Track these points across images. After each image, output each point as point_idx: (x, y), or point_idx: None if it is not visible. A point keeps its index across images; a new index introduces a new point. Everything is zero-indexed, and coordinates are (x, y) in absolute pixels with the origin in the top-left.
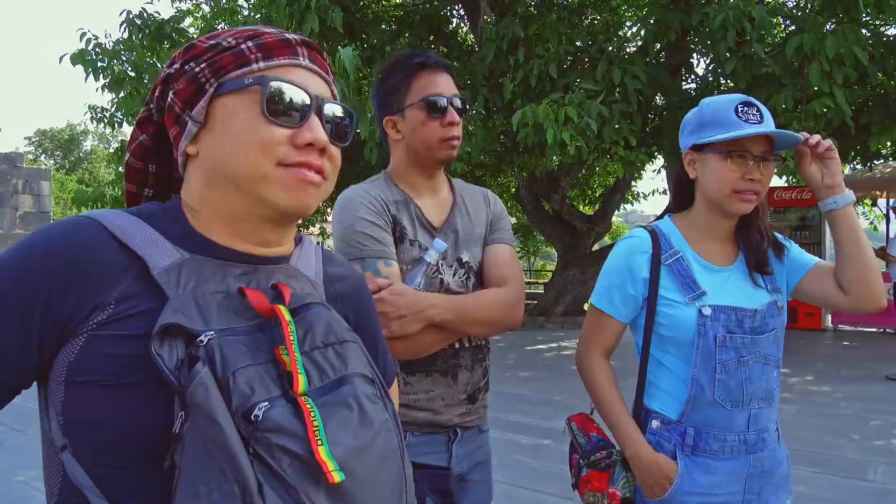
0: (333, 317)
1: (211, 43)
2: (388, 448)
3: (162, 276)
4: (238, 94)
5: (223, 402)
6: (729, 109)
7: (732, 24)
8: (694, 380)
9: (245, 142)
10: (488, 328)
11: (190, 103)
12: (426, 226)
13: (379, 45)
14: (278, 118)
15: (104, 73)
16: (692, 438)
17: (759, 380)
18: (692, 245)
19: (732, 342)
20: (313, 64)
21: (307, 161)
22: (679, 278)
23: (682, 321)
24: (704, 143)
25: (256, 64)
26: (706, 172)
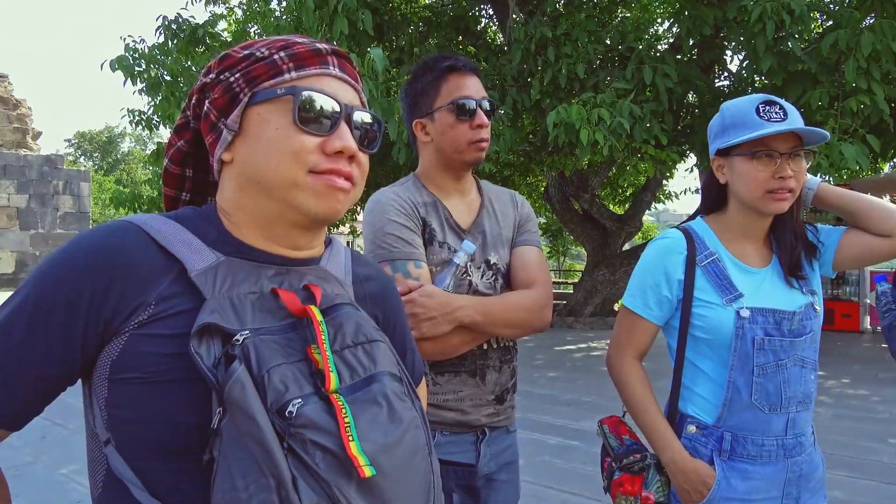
0: (362, 317)
1: (245, 53)
2: (417, 444)
3: (199, 277)
4: (271, 103)
5: (259, 399)
6: (750, 110)
7: (771, 16)
8: (731, 383)
9: (277, 150)
10: (516, 329)
11: (225, 112)
12: (455, 228)
13: (407, 47)
14: (309, 126)
15: (141, 77)
16: (729, 443)
17: (797, 383)
18: (727, 246)
19: (770, 345)
20: (343, 73)
21: (337, 168)
22: (715, 279)
23: (719, 323)
24: (729, 147)
25: (289, 74)
26: (735, 176)
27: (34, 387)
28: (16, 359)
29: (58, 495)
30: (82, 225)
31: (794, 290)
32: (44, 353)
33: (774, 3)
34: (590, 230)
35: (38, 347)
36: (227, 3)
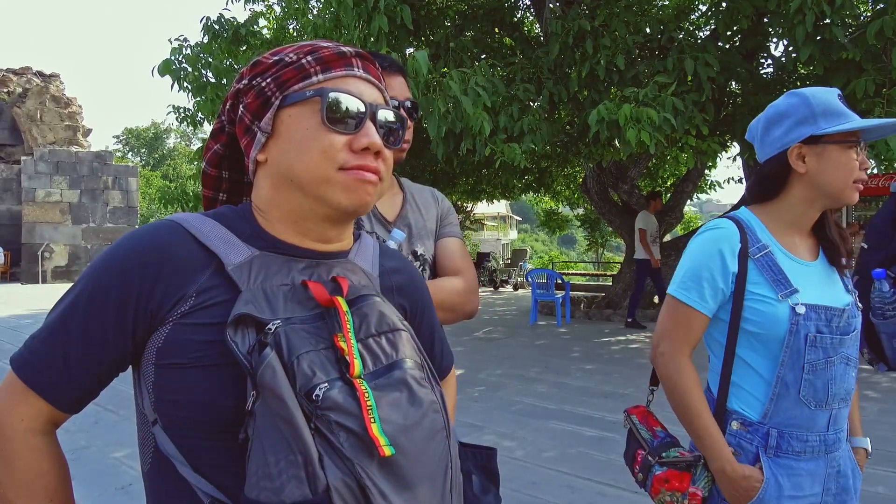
0: (387, 307)
1: (275, 59)
2: (435, 426)
3: (235, 271)
4: (301, 105)
5: (288, 383)
6: (835, 100)
7: (811, 7)
8: (780, 379)
9: (308, 148)
10: (452, 314)
11: (258, 115)
12: (381, 220)
13: (443, 42)
14: (337, 125)
15: (187, 79)
16: (775, 440)
17: (842, 380)
18: (777, 237)
19: (822, 342)
20: (367, 74)
21: (364, 164)
22: (770, 273)
23: (773, 318)
24: (824, 135)
25: (316, 76)
26: (826, 164)
27: (92, 372)
28: (76, 347)
29: (110, 478)
30: (130, 219)
31: (840, 287)
32: (100, 341)
33: None
34: (629, 221)
35: (95, 336)
36: (266, 1)
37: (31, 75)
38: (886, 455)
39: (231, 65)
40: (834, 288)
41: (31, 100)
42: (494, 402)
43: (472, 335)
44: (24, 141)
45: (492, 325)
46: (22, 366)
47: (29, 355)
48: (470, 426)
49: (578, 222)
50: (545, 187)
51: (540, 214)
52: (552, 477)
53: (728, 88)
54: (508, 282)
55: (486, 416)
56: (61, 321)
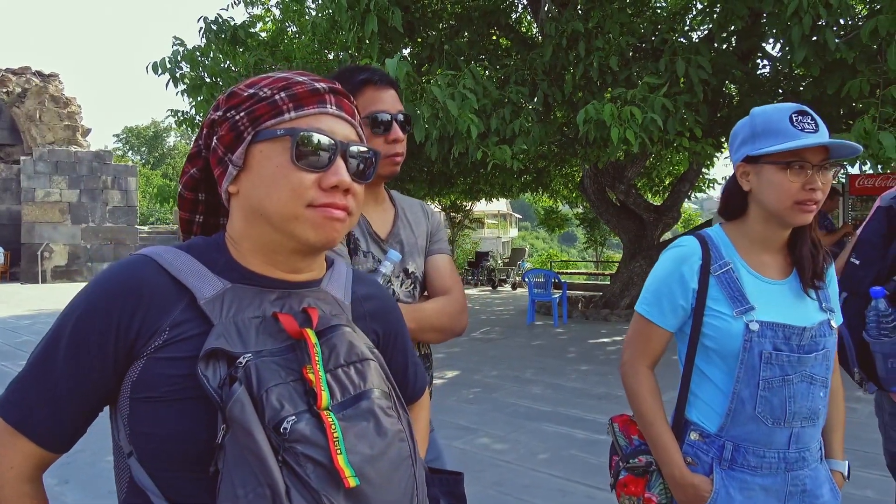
0: (356, 337)
1: (250, 92)
2: (401, 455)
3: (207, 305)
4: (272, 141)
5: (257, 417)
6: (783, 119)
7: (807, 10)
8: (735, 394)
9: (278, 186)
10: (441, 334)
11: (231, 148)
12: (375, 237)
13: (437, 44)
14: (306, 164)
15: (183, 79)
16: (730, 453)
17: (803, 399)
18: (744, 255)
19: (778, 360)
20: (340, 110)
21: (333, 202)
22: (728, 290)
23: (728, 334)
24: (760, 155)
25: (288, 114)
26: (764, 185)
27: (80, 409)
28: (62, 385)
29: (104, 481)
30: (130, 218)
31: (810, 306)
32: (85, 376)
33: None
34: (626, 221)
35: (80, 372)
36: (265, 4)
37: (30, 75)
38: (875, 458)
39: (229, 66)
40: (801, 306)
41: (30, 100)
42: (489, 403)
43: (469, 335)
44: (23, 141)
45: (489, 325)
46: (8, 410)
47: (14, 397)
48: (463, 429)
49: (577, 221)
50: (543, 187)
51: (539, 213)
52: (543, 480)
53: (726, 89)
54: (507, 281)
55: (479, 419)
56: (45, 361)
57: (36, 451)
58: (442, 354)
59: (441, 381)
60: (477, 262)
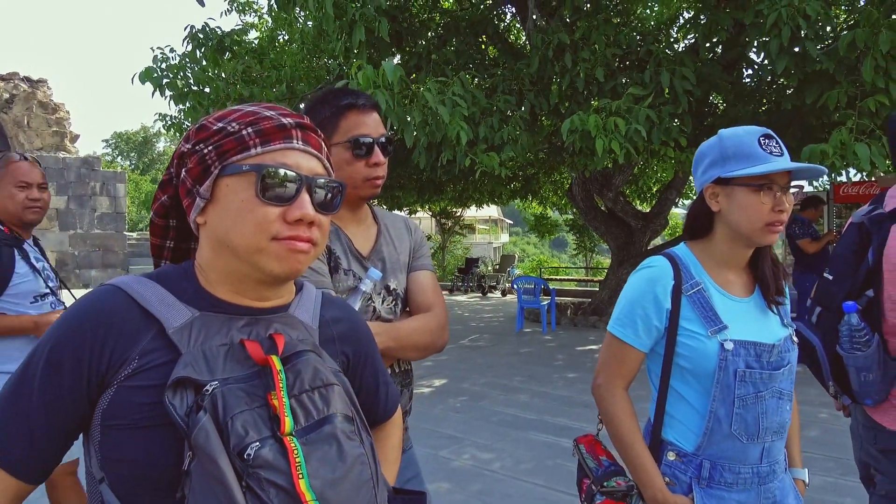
0: (321, 362)
1: (219, 126)
2: (362, 479)
3: (176, 334)
4: (238, 176)
5: (221, 444)
6: (752, 142)
7: (786, 22)
8: (712, 413)
9: (243, 219)
10: (422, 352)
11: (199, 180)
12: (357, 255)
13: (425, 53)
14: (271, 198)
15: (169, 87)
16: (707, 471)
17: (774, 414)
18: (711, 274)
19: (751, 377)
20: (307, 144)
21: (297, 234)
22: (700, 310)
23: (703, 354)
24: (731, 178)
25: (255, 149)
26: (735, 206)
27: (55, 438)
28: (37, 416)
29: None
30: (118, 225)
31: (774, 322)
32: (60, 406)
33: (790, 10)
34: (614, 228)
35: (55, 402)
36: (257, 13)
37: (18, 81)
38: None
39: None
40: (766, 323)
41: (17, 106)
42: (475, 412)
43: (458, 343)
44: (10, 147)
45: (478, 333)
46: None
47: None
48: (449, 438)
49: (567, 227)
50: (532, 194)
51: (529, 219)
52: (527, 490)
53: (709, 99)
54: (497, 287)
55: (465, 427)
56: (19, 395)
57: (13, 484)
58: (430, 363)
59: (428, 390)
60: (467, 268)
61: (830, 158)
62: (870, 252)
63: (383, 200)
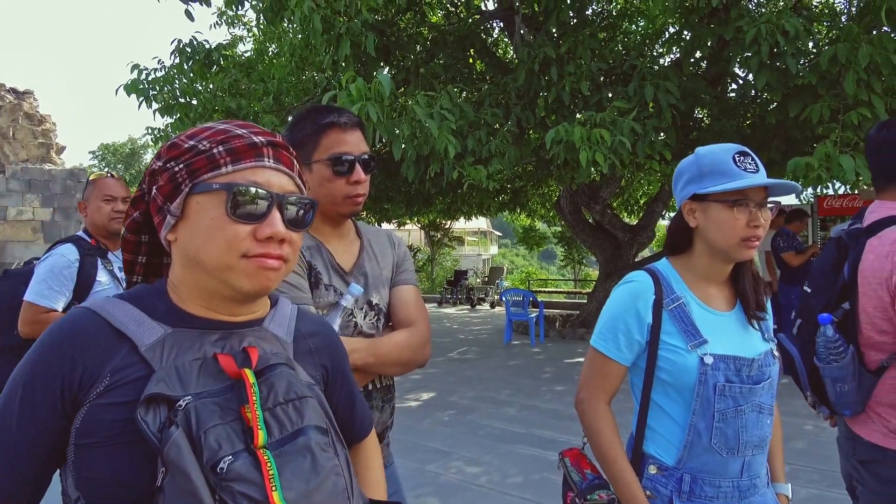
0: (295, 375)
1: (190, 144)
2: (336, 490)
3: (148, 351)
4: (209, 194)
5: (194, 458)
6: (727, 159)
7: (766, 38)
8: (692, 427)
9: (213, 237)
10: (403, 368)
11: (170, 198)
12: (339, 270)
13: (413, 67)
14: (242, 217)
15: (156, 99)
16: (688, 485)
17: (754, 428)
18: (692, 288)
19: (731, 391)
20: (278, 163)
21: (267, 252)
22: (681, 324)
23: (683, 368)
24: (707, 194)
25: (225, 167)
26: (711, 222)
27: (40, 466)
28: (20, 447)
29: None
30: None
31: (754, 337)
32: (40, 434)
33: (769, 26)
34: (601, 241)
35: (35, 431)
36: (247, 25)
37: (3, 92)
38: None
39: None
40: (747, 338)
41: (3, 117)
42: (463, 426)
43: (447, 356)
44: None
45: (466, 346)
46: None
47: None
48: (437, 452)
49: (556, 239)
50: (520, 206)
51: (517, 232)
52: (514, 503)
53: (694, 114)
54: (486, 300)
55: (453, 441)
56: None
57: None
58: (418, 376)
59: (416, 404)
60: (456, 280)
61: (816, 171)
62: (846, 266)
63: (372, 213)
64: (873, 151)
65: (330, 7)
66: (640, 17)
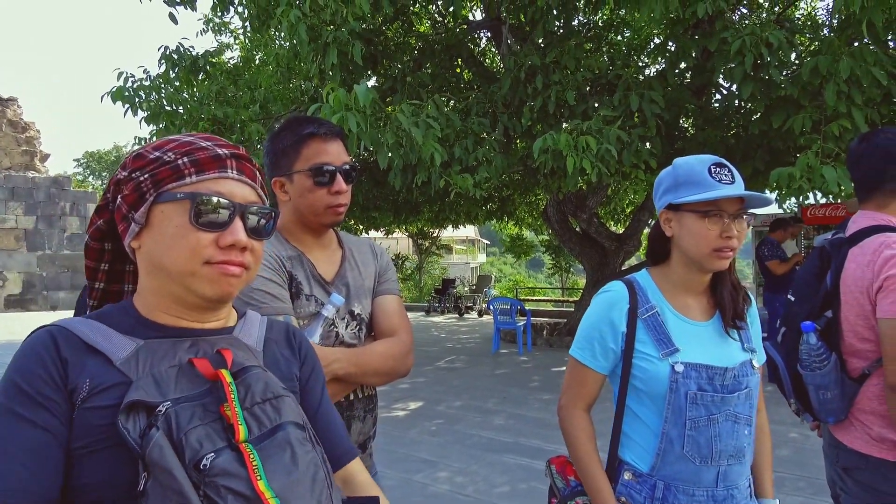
0: (270, 377)
1: (155, 155)
2: (317, 479)
3: (123, 365)
4: (173, 203)
5: (176, 457)
6: (703, 171)
7: (750, 49)
8: (665, 434)
9: (177, 244)
10: (385, 377)
11: (135, 206)
12: (320, 280)
13: (400, 76)
14: (205, 224)
15: (142, 107)
16: (661, 492)
17: (728, 437)
18: (669, 299)
19: (703, 399)
20: (241, 174)
21: (229, 259)
22: (654, 333)
23: (655, 376)
24: (681, 204)
25: (190, 178)
26: (684, 231)
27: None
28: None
29: None
30: None
31: (732, 346)
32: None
33: (753, 37)
34: (588, 249)
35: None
36: (233, 33)
37: None
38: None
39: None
40: (724, 347)
41: None
42: (451, 435)
43: (434, 364)
44: None
45: (454, 354)
46: None
47: None
48: (424, 462)
49: (543, 248)
50: (508, 214)
51: (505, 240)
52: None
53: (679, 123)
54: (473, 308)
55: (441, 451)
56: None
57: None
58: (406, 385)
59: (404, 413)
60: (444, 289)
61: (798, 181)
62: (828, 275)
63: (360, 221)
64: (854, 163)
65: (317, 16)
66: (625, 28)
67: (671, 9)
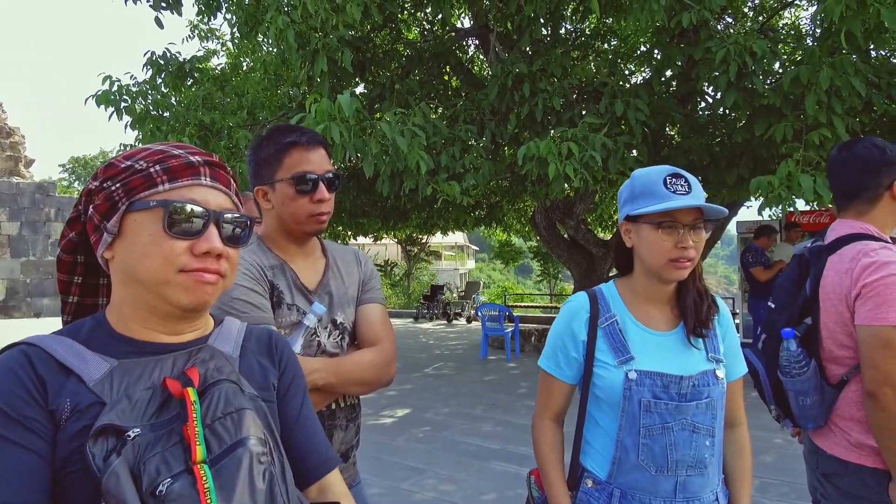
0: (234, 389)
1: (126, 164)
2: (274, 496)
3: (97, 386)
4: (146, 211)
5: (133, 487)
6: (658, 182)
7: (734, 58)
8: (619, 442)
9: (150, 253)
10: (366, 387)
11: (107, 216)
12: (302, 289)
13: (389, 83)
14: (179, 232)
15: (127, 112)
16: (618, 500)
17: (685, 447)
18: (631, 309)
19: (657, 407)
20: (215, 181)
21: (204, 266)
22: (611, 341)
23: (611, 383)
24: (638, 215)
25: (162, 185)
26: (641, 242)
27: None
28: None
29: None
30: None
31: (694, 356)
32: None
33: (737, 46)
34: (576, 256)
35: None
36: (220, 39)
37: None
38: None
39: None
40: (685, 357)
41: None
42: (438, 442)
43: (422, 371)
44: None
45: (442, 361)
46: None
47: None
48: (412, 469)
49: (531, 254)
50: (496, 221)
51: (494, 247)
52: None
53: (665, 130)
54: (462, 314)
55: (428, 458)
56: None
57: None
58: (394, 392)
59: (391, 420)
60: (432, 295)
61: (777, 189)
62: (808, 282)
63: (348, 228)
64: (833, 172)
65: (305, 23)
66: (612, 37)
67: (657, 18)
